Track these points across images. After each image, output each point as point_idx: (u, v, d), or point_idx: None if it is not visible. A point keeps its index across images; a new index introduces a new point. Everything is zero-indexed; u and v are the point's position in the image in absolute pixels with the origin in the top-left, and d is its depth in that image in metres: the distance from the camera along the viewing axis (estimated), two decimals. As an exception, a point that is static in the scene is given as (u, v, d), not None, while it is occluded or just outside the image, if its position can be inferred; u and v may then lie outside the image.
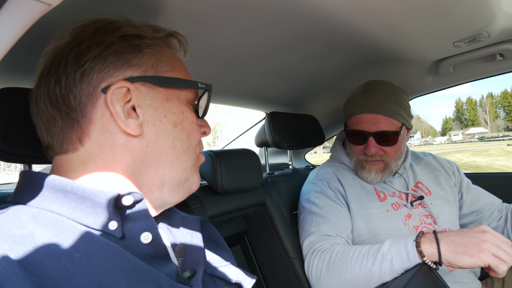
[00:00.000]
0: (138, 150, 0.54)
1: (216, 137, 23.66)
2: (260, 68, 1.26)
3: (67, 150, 0.54)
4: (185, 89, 0.61)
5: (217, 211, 1.19)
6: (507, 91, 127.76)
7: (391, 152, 1.29)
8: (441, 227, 1.26)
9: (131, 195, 0.50)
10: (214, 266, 0.67)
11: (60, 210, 0.48)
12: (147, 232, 0.51)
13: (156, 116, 0.56)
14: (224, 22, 0.87)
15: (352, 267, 1.03)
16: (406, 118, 1.30)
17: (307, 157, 2.42)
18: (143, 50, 0.56)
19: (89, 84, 0.52)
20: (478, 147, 44.72)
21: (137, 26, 0.58)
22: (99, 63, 0.53)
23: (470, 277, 1.19)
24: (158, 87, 0.57)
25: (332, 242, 1.16)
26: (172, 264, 0.53)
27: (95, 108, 0.53)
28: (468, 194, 1.39)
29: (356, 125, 1.30)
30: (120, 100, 0.52)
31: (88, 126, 0.53)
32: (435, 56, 1.34)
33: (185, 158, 0.59)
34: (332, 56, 1.24)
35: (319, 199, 1.30)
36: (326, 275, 1.09)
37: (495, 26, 1.07)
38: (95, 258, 0.44)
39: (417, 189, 1.35)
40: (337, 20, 0.93)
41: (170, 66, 0.60)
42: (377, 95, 1.27)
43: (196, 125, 0.62)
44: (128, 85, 0.53)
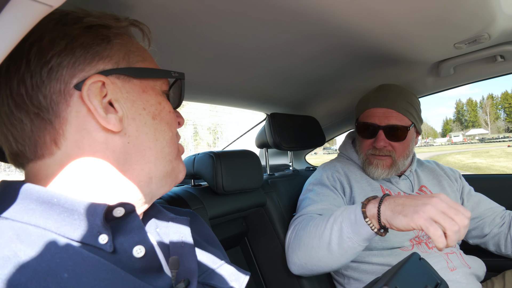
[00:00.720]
0: (120, 147, 0.51)
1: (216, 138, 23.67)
2: (261, 70, 1.26)
3: (42, 155, 0.49)
4: (159, 79, 0.59)
5: (217, 212, 1.19)
6: (507, 92, 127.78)
7: (399, 148, 1.31)
8: None
9: (123, 207, 0.47)
10: (210, 268, 0.65)
11: (46, 225, 0.45)
12: (140, 245, 0.48)
13: (135, 110, 0.53)
14: (225, 23, 0.87)
15: (309, 232, 1.07)
16: (417, 119, 1.34)
17: (307, 158, 2.42)
18: (112, 40, 0.53)
19: (59, 81, 0.48)
20: (479, 148, 44.72)
21: (97, 16, 0.53)
22: (67, 57, 0.48)
23: (470, 278, 1.19)
24: (132, 79, 0.54)
25: (312, 215, 1.20)
26: (165, 276, 0.50)
27: (69, 106, 0.49)
28: (469, 201, 1.41)
29: (368, 118, 1.34)
30: (97, 95, 0.49)
31: (62, 126, 0.49)
32: (436, 58, 1.34)
33: (169, 149, 0.58)
34: (333, 58, 1.24)
35: (317, 186, 1.34)
36: (295, 241, 1.14)
37: (496, 28, 1.07)
38: (85, 278, 0.41)
39: (421, 192, 1.37)
40: (338, 22, 0.93)
41: (141, 57, 0.57)
42: (391, 92, 1.33)
43: (173, 113, 0.60)
44: (103, 78, 0.50)
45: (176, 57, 1.02)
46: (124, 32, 0.57)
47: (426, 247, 1.23)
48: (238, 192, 1.28)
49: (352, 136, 1.56)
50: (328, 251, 1.02)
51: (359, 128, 1.38)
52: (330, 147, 69.56)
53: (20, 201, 0.45)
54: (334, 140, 2.52)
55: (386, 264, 1.21)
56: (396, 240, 1.22)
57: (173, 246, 0.59)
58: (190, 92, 1.36)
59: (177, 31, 0.86)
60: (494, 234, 1.34)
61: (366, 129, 1.34)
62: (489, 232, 1.35)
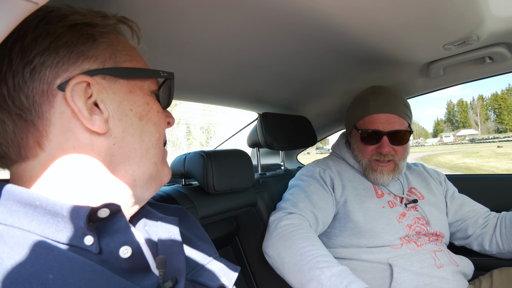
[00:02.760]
0: (106, 148, 0.50)
1: (209, 137, 23.59)
2: (252, 69, 1.26)
3: (26, 157, 0.48)
4: (147, 79, 0.57)
5: (208, 211, 1.19)
6: (497, 93, 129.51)
7: (400, 151, 1.34)
8: (433, 228, 1.30)
9: (107, 208, 0.46)
10: (200, 264, 0.64)
11: (30, 227, 0.44)
12: (127, 246, 0.47)
13: (121, 111, 0.52)
14: (217, 22, 0.86)
15: (292, 256, 1.04)
16: (411, 120, 1.38)
17: (300, 158, 2.43)
18: (97, 39, 0.51)
19: (42, 81, 0.47)
20: (469, 148, 45.27)
21: (83, 14, 0.51)
22: (50, 57, 0.47)
23: (457, 275, 1.21)
24: (119, 79, 0.52)
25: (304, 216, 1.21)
26: (152, 276, 0.50)
27: (53, 107, 0.47)
28: (452, 203, 1.45)
29: (370, 125, 1.33)
30: (82, 96, 0.47)
31: (45, 128, 0.47)
32: (426, 59, 1.35)
33: (155, 151, 0.56)
34: (325, 59, 1.25)
35: (309, 178, 1.37)
36: (276, 240, 1.13)
37: (484, 30, 1.09)
38: (70, 278, 0.40)
39: (411, 193, 1.40)
40: (330, 23, 0.93)
41: (129, 56, 0.55)
42: (389, 97, 1.34)
43: (162, 114, 0.59)
44: (87, 79, 0.48)
45: (167, 55, 1.01)
46: (111, 30, 0.55)
47: (415, 245, 1.25)
48: (229, 192, 1.27)
49: (345, 136, 1.57)
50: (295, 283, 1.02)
51: (361, 136, 1.36)
52: (323, 147, 69.85)
53: (3, 203, 0.44)
54: (326, 139, 2.53)
55: (375, 261, 1.22)
56: (387, 238, 1.23)
57: (162, 244, 0.58)
58: (181, 91, 1.36)
59: (168, 29, 0.86)
60: (477, 235, 1.38)
61: (370, 136, 1.34)
62: (473, 233, 1.39)
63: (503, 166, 19.23)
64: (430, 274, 1.17)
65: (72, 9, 0.51)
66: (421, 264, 1.19)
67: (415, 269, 1.17)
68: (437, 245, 1.28)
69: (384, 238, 1.23)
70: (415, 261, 1.19)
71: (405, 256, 1.21)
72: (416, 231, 1.26)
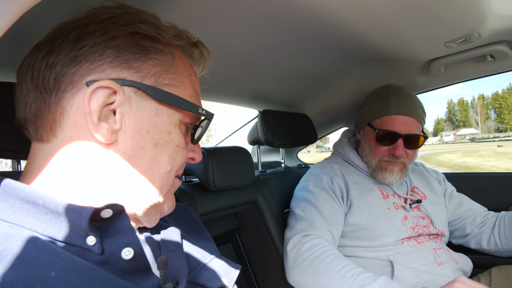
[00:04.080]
0: (111, 161, 0.49)
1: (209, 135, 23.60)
2: (253, 66, 1.26)
3: (40, 138, 0.48)
4: (182, 110, 0.54)
5: (208, 208, 1.19)
6: (498, 93, 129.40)
7: (411, 154, 1.33)
8: (437, 228, 1.31)
9: (111, 208, 0.45)
10: (202, 263, 0.64)
11: (32, 226, 0.43)
12: (129, 247, 0.46)
13: (136, 129, 0.49)
14: (217, 19, 0.86)
15: (335, 280, 1.02)
16: (424, 124, 1.37)
17: (300, 156, 2.43)
18: (149, 54, 0.50)
19: (76, 72, 0.47)
20: (469, 148, 45.25)
21: (157, 27, 0.52)
22: (96, 53, 0.47)
23: (457, 272, 1.22)
24: (151, 99, 0.50)
25: (322, 236, 1.17)
26: (153, 277, 0.49)
27: (72, 99, 0.47)
28: (450, 203, 1.45)
29: (388, 125, 1.31)
30: (100, 100, 0.46)
31: (59, 116, 0.47)
32: (427, 56, 1.35)
33: (161, 183, 0.53)
34: (326, 56, 1.25)
35: (318, 190, 1.32)
36: (305, 267, 1.10)
37: (486, 27, 1.09)
38: (72, 277, 0.40)
39: (414, 193, 1.40)
40: (331, 20, 0.93)
41: (176, 81, 0.53)
42: (410, 99, 1.32)
43: (183, 149, 0.56)
44: (116, 87, 0.47)
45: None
46: (175, 50, 0.54)
47: (415, 242, 1.25)
48: (229, 189, 1.27)
49: (348, 135, 1.55)
50: None
51: (378, 135, 1.33)
52: (323, 145, 69.79)
53: (6, 199, 0.44)
54: (327, 138, 2.53)
55: (376, 258, 1.23)
56: (389, 240, 1.24)
57: (164, 246, 0.58)
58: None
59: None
60: (475, 234, 1.38)
61: (386, 136, 1.32)
62: (471, 232, 1.39)
63: (503, 165, 19.23)
64: (431, 271, 1.17)
65: (151, 19, 0.52)
66: (422, 261, 1.19)
67: (415, 266, 1.18)
68: (437, 242, 1.28)
69: (386, 240, 1.24)
70: (416, 258, 1.20)
71: (405, 253, 1.21)
72: (418, 233, 1.27)
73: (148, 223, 0.56)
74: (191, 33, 0.58)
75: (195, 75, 0.59)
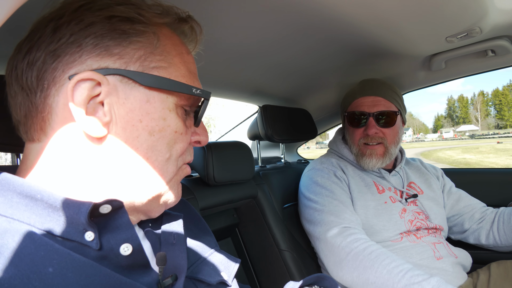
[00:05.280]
0: (105, 155, 0.47)
1: (209, 131, 23.58)
2: (253, 61, 1.25)
3: (31, 138, 0.47)
4: (175, 92, 0.51)
5: (208, 203, 1.19)
6: (498, 89, 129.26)
7: (390, 134, 1.35)
8: (433, 223, 1.31)
9: (109, 204, 0.44)
10: (202, 257, 0.64)
11: (30, 220, 0.42)
12: (127, 243, 0.45)
13: (128, 119, 0.47)
14: (217, 13, 0.86)
15: (382, 275, 1.02)
16: (402, 108, 1.39)
17: (300, 152, 2.43)
18: (130, 37, 0.47)
19: (56, 67, 0.44)
20: (469, 144, 45.27)
21: (138, 6, 0.48)
22: (74, 44, 0.44)
23: (456, 267, 1.23)
24: (139, 86, 0.47)
25: (358, 228, 1.17)
26: (152, 272, 0.48)
27: (57, 96, 0.45)
28: (449, 198, 1.46)
29: (356, 108, 1.38)
30: (84, 93, 0.44)
31: (47, 115, 0.45)
32: (428, 51, 1.34)
33: (161, 172, 0.51)
34: (326, 50, 1.24)
35: (329, 183, 1.32)
36: (352, 263, 1.09)
37: (488, 22, 1.08)
38: (70, 273, 0.39)
39: (410, 188, 1.41)
40: (331, 14, 0.93)
41: (165, 62, 0.50)
42: (376, 82, 1.40)
43: (182, 135, 0.52)
44: (98, 77, 0.44)
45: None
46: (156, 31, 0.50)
47: (414, 237, 1.26)
48: (229, 184, 1.27)
49: (342, 132, 1.57)
50: None
51: (349, 118, 1.40)
52: (323, 142, 69.86)
53: (3, 193, 0.43)
54: (326, 134, 2.53)
55: None
56: (388, 235, 1.25)
57: (165, 241, 0.57)
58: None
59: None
60: (473, 229, 1.39)
61: (356, 118, 1.37)
62: (469, 228, 1.40)
63: (502, 162, 19.26)
64: (430, 265, 1.18)
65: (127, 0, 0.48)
66: (421, 256, 1.20)
67: (414, 261, 1.18)
68: (436, 237, 1.29)
69: (385, 235, 1.25)
70: (415, 253, 1.21)
71: (404, 248, 1.22)
72: (416, 226, 1.28)
73: (152, 214, 0.54)
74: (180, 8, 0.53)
75: (188, 53, 0.55)
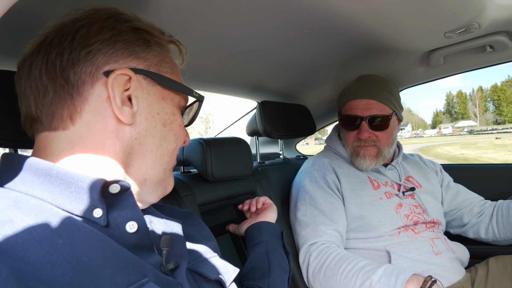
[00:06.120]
0: (127, 140, 0.55)
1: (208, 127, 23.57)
2: (252, 57, 1.25)
3: (56, 127, 0.52)
4: (180, 93, 0.63)
5: (206, 199, 1.19)
6: (497, 85, 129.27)
7: (383, 137, 1.34)
8: (431, 216, 1.32)
9: (118, 184, 0.49)
10: (203, 257, 0.67)
11: (43, 195, 0.47)
12: (133, 221, 0.50)
13: (149, 111, 0.57)
14: (216, 8, 0.85)
15: (341, 281, 1.08)
16: (397, 107, 1.37)
17: (299, 149, 2.43)
18: (151, 46, 0.58)
19: (92, 64, 0.52)
20: (467, 140, 45.32)
21: (145, 24, 0.59)
22: (108, 47, 0.53)
23: (454, 262, 1.23)
24: (157, 85, 0.58)
25: (328, 240, 1.20)
26: (156, 256, 0.53)
27: (93, 88, 0.53)
28: (447, 193, 1.47)
29: (350, 111, 1.36)
30: (120, 86, 0.53)
31: (81, 105, 0.52)
32: (426, 47, 1.34)
33: (168, 159, 0.61)
34: (324, 46, 1.24)
35: (314, 189, 1.33)
36: (319, 275, 1.15)
37: (486, 17, 1.08)
38: (78, 245, 0.43)
39: (408, 182, 1.41)
40: (329, 9, 0.92)
41: (171, 69, 0.62)
42: (370, 83, 1.36)
43: (184, 129, 0.64)
44: (131, 74, 0.54)
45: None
46: (164, 44, 0.62)
47: (412, 232, 1.26)
48: (228, 180, 1.28)
49: (338, 128, 1.57)
50: None
51: (342, 121, 1.41)
52: (322, 138, 69.84)
53: (18, 172, 0.48)
54: (325, 130, 2.54)
55: (373, 249, 1.24)
56: (384, 230, 1.25)
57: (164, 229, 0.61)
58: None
59: (165, 15, 0.85)
60: (473, 223, 1.40)
61: (350, 121, 1.37)
62: (468, 222, 1.41)
63: (501, 157, 19.30)
64: (428, 261, 1.18)
65: (137, 17, 0.59)
66: (419, 251, 1.20)
67: (412, 256, 1.19)
68: (434, 232, 1.29)
69: (381, 231, 1.25)
70: (413, 248, 1.21)
71: (402, 243, 1.22)
72: (413, 220, 1.28)
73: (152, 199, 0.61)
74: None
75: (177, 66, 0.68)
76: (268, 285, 0.91)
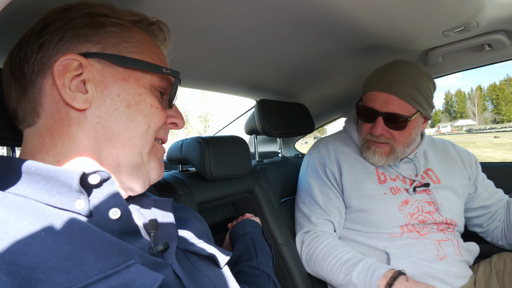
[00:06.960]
0: (90, 125, 0.54)
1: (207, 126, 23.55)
2: (250, 55, 1.25)
3: (29, 122, 0.55)
4: (149, 72, 0.60)
5: (205, 197, 1.19)
6: (495, 84, 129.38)
7: (399, 137, 1.22)
8: (444, 216, 1.24)
9: (97, 174, 0.50)
10: (191, 242, 0.67)
11: (26, 193, 0.47)
12: (115, 208, 0.50)
13: (107, 94, 0.55)
14: (214, 7, 0.85)
15: (327, 273, 1.20)
16: (424, 105, 1.21)
17: (297, 147, 2.43)
18: (105, 28, 0.56)
19: (44, 55, 0.53)
20: (466, 139, 45.31)
21: (111, 8, 0.58)
22: (58, 36, 0.53)
23: (461, 266, 1.18)
24: (115, 66, 0.56)
25: (320, 229, 1.28)
26: (144, 240, 0.53)
27: (45, 78, 0.53)
28: (482, 189, 1.37)
29: (368, 102, 1.24)
30: (68, 72, 0.52)
31: (39, 97, 0.53)
32: (425, 46, 1.34)
33: (140, 141, 0.58)
34: (322, 45, 1.24)
35: (312, 178, 1.38)
36: (310, 263, 1.28)
37: (484, 16, 1.08)
38: (61, 236, 0.44)
39: (426, 175, 1.32)
40: (328, 6, 0.92)
41: (138, 49, 0.59)
42: (397, 75, 1.19)
43: (159, 110, 0.60)
44: (80, 59, 0.53)
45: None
46: (126, 24, 0.59)
47: (417, 234, 1.20)
48: (226, 178, 1.28)
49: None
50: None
51: (359, 110, 1.29)
52: (320, 137, 69.80)
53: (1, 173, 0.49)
54: (324, 129, 2.52)
55: (373, 246, 1.21)
56: (384, 227, 1.21)
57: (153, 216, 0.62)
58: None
59: (164, 13, 0.84)
60: (495, 226, 1.34)
61: (366, 113, 1.26)
62: (491, 224, 1.35)
63: (499, 156, 19.33)
64: (430, 265, 1.14)
65: (102, 4, 0.58)
66: (421, 255, 1.15)
67: (413, 260, 1.14)
68: (445, 233, 1.23)
69: (380, 227, 1.21)
70: (415, 251, 1.16)
71: (404, 246, 1.17)
72: (419, 220, 1.21)
73: (136, 186, 0.60)
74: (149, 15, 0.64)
75: (158, 47, 0.65)
76: (258, 263, 0.96)
